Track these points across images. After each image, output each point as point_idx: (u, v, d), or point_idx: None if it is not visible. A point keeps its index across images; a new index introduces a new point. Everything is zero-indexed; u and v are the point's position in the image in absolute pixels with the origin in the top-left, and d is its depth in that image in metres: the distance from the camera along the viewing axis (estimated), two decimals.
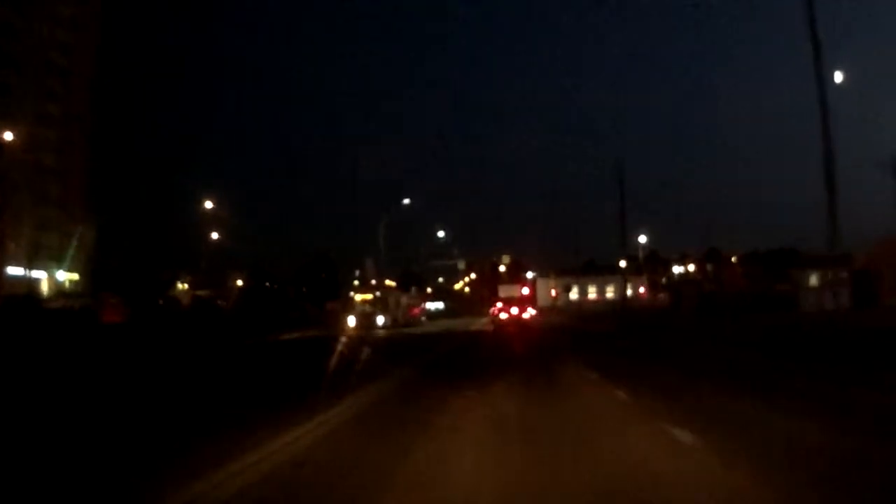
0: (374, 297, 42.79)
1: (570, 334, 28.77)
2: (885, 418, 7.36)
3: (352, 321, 38.38)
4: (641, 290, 71.73)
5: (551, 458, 5.90)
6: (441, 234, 62.75)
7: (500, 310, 40.56)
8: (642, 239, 68.53)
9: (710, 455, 5.70)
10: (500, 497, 4.84)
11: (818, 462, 5.43)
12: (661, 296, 70.17)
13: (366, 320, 38.71)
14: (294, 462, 5.97)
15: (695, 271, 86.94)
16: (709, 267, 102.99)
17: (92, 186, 54.50)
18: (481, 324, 45.03)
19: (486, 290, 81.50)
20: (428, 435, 7.13)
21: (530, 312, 49.22)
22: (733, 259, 79.35)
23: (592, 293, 78.54)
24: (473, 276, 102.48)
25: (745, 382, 11.10)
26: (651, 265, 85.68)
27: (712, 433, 6.53)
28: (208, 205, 44.11)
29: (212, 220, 45.11)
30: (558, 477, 5.29)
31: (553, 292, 73.04)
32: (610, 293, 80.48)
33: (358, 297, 42.60)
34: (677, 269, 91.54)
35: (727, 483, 4.96)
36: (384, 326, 38.74)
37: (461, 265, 71.00)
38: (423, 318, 49.63)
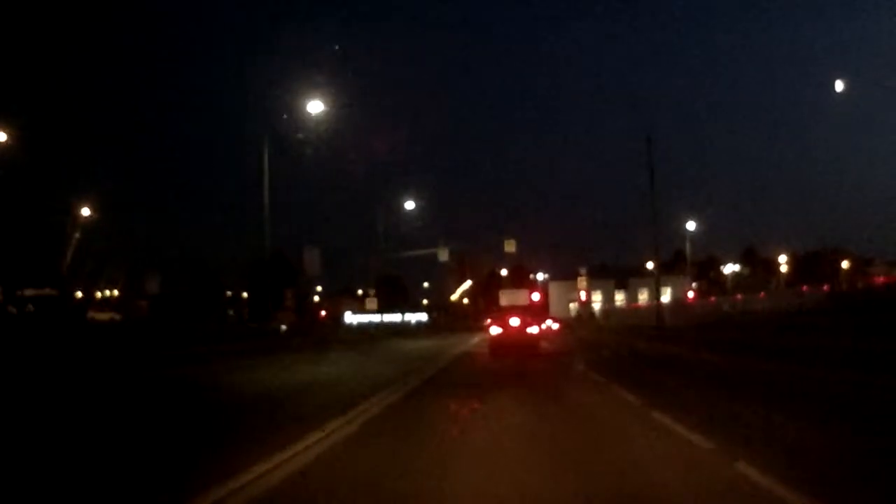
0: None
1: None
2: None
3: None
4: (690, 294, 54.65)
5: None
6: (410, 205, 42.45)
7: (500, 324, 23.08)
8: (691, 226, 52.11)
9: None
10: None
11: None
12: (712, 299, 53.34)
13: None
14: None
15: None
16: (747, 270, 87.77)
17: None
18: (471, 345, 29.98)
19: (483, 297, 65.23)
20: None
21: (548, 325, 33.63)
22: None
23: (620, 300, 63.90)
24: (470, 282, 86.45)
25: None
26: (681, 266, 70.23)
27: None
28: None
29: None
30: None
31: (583, 296, 56.52)
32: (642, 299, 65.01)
33: None
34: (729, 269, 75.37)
35: None
36: None
37: (443, 256, 45.47)
38: None
